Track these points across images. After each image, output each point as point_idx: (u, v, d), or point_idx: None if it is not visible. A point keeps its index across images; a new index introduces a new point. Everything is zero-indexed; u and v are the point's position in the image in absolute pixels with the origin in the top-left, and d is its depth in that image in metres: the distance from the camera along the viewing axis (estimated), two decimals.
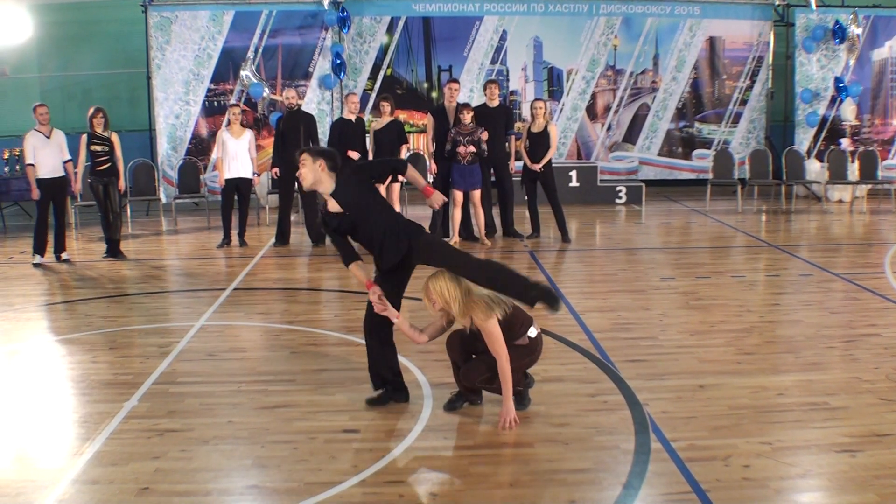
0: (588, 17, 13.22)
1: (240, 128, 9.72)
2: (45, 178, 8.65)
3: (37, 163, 8.61)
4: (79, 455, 4.00)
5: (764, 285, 7.65)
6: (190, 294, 7.54)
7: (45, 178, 8.65)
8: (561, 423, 4.35)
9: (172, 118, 12.50)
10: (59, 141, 8.78)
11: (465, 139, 9.18)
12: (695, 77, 13.49)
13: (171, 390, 4.91)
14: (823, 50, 13.16)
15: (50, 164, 8.68)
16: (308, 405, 4.64)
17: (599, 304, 6.85)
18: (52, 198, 8.77)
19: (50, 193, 8.73)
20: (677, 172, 13.75)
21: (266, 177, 11.43)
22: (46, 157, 8.65)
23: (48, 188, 8.69)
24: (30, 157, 8.58)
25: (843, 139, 13.17)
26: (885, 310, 6.57)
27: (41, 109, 8.67)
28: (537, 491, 3.62)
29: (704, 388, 4.83)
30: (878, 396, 4.65)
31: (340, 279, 8.18)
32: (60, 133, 8.85)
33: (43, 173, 8.64)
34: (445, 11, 13.07)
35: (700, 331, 6.03)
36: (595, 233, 10.64)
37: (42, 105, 8.73)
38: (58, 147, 8.75)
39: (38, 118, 8.64)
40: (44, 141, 8.65)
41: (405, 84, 13.20)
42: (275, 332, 6.18)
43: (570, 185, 12.62)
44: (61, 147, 8.79)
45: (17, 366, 5.51)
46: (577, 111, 13.45)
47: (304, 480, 3.73)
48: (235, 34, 12.49)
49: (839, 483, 3.65)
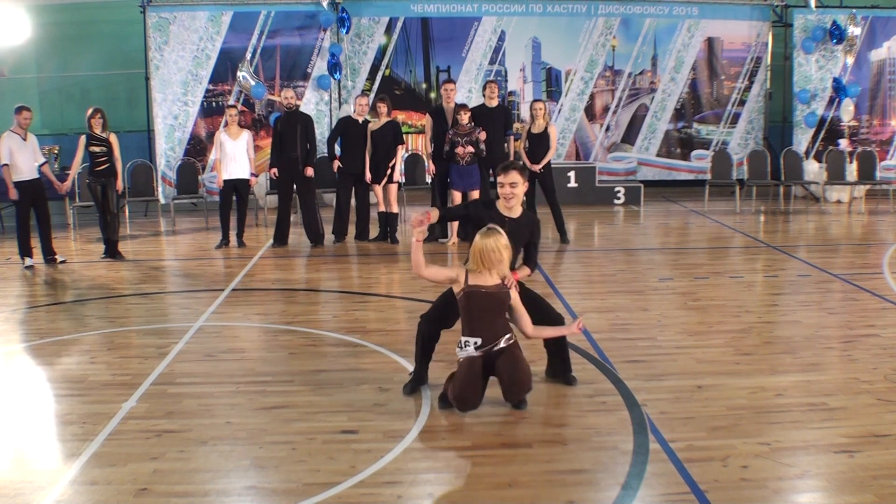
0: (586, 17, 13.24)
1: (237, 129, 9.71)
2: (24, 181, 8.56)
3: (14, 165, 8.53)
4: (77, 456, 3.99)
5: (762, 286, 7.65)
6: (188, 295, 7.54)
7: (23, 180, 8.55)
8: (559, 424, 4.35)
9: (171, 119, 12.49)
10: (33, 144, 8.72)
11: (464, 140, 9.19)
12: (693, 78, 13.50)
13: (169, 391, 4.91)
14: (822, 50, 13.17)
15: (27, 166, 8.59)
16: (306, 406, 4.64)
17: (598, 304, 6.85)
18: (33, 201, 8.68)
19: (29, 196, 8.63)
20: (676, 173, 13.76)
21: (264, 177, 11.43)
22: (24, 160, 8.56)
23: (27, 191, 8.59)
24: (5, 157, 8.46)
25: (841, 140, 13.19)
26: (883, 310, 6.57)
27: (26, 113, 8.61)
28: (536, 491, 3.62)
29: (703, 388, 4.84)
30: (876, 397, 4.65)
31: (339, 280, 8.19)
32: (34, 137, 8.79)
33: (21, 176, 8.54)
34: (444, 12, 13.07)
35: (698, 331, 6.04)
36: (593, 233, 10.64)
37: (27, 109, 8.66)
38: (32, 150, 8.68)
39: (20, 121, 8.56)
40: (20, 143, 8.56)
41: (403, 85, 13.21)
42: (273, 333, 6.18)
43: (569, 185, 12.62)
44: (35, 150, 8.73)
45: (16, 366, 5.51)
46: (575, 112, 13.46)
47: (303, 481, 3.73)
48: (234, 35, 12.49)
49: (837, 483, 3.66)
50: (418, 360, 4.85)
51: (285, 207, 9.71)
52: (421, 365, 4.84)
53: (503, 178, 4.79)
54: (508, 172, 4.78)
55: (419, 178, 11.98)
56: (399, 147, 9.76)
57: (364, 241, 9.88)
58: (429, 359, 4.85)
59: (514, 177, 4.76)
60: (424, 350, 4.82)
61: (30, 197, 8.65)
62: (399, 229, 10.07)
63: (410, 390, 4.79)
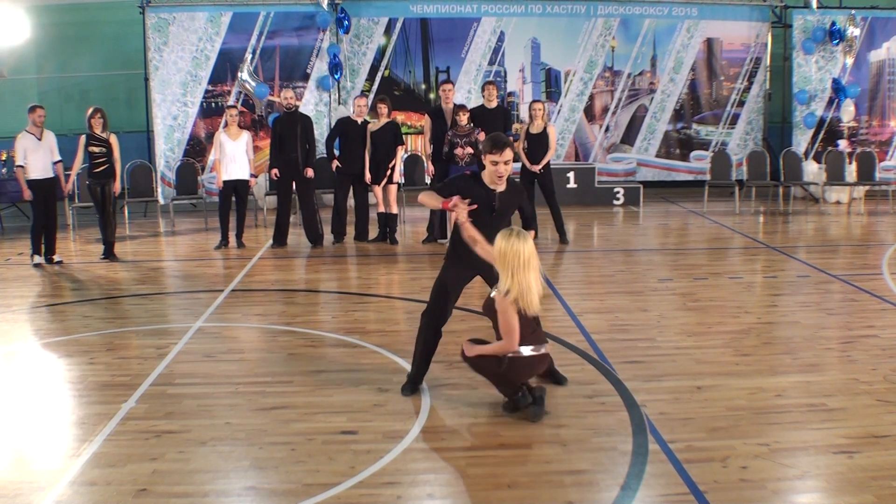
0: (586, 18, 13.25)
1: (237, 129, 9.71)
2: (36, 180, 8.63)
3: (28, 164, 8.58)
4: (76, 456, 3.99)
5: (761, 286, 7.65)
6: (188, 295, 7.53)
7: (35, 179, 8.62)
8: (559, 425, 4.35)
9: (170, 119, 12.49)
10: (50, 142, 8.75)
11: (463, 141, 9.19)
12: (692, 78, 13.51)
13: (168, 392, 4.91)
14: (821, 51, 13.18)
15: (41, 165, 8.65)
16: (306, 406, 4.64)
17: (597, 305, 6.85)
18: (44, 199, 8.74)
19: (41, 195, 8.70)
20: (675, 174, 13.77)
21: (263, 178, 11.44)
22: (37, 159, 8.62)
23: (38, 189, 8.66)
24: (20, 158, 8.55)
25: (840, 140, 13.19)
26: (882, 311, 6.58)
27: (39, 111, 8.66)
28: (535, 492, 3.62)
29: (702, 389, 4.84)
30: (875, 398, 4.65)
31: (338, 280, 8.18)
32: (51, 134, 8.83)
33: (33, 175, 8.60)
34: (443, 13, 13.08)
35: (698, 332, 6.04)
36: (593, 234, 10.64)
37: (40, 107, 8.71)
38: (49, 149, 8.72)
39: (34, 120, 8.61)
40: (35, 143, 8.61)
41: (403, 85, 13.21)
42: (272, 334, 6.18)
43: (568, 186, 12.62)
44: (52, 149, 8.77)
45: (15, 367, 5.51)
46: (574, 112, 13.47)
47: (302, 482, 3.73)
48: (233, 35, 12.50)
49: (837, 484, 3.66)
50: (418, 362, 4.84)
51: (284, 208, 9.71)
52: (420, 366, 4.84)
53: (497, 157, 4.59)
54: (503, 151, 4.60)
55: (418, 179, 11.98)
56: (399, 148, 9.76)
57: (363, 241, 9.88)
58: (430, 360, 4.85)
59: (509, 154, 4.62)
60: (427, 351, 4.82)
61: (41, 196, 8.69)
62: (398, 230, 10.07)
63: (410, 391, 4.79)
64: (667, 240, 10.16)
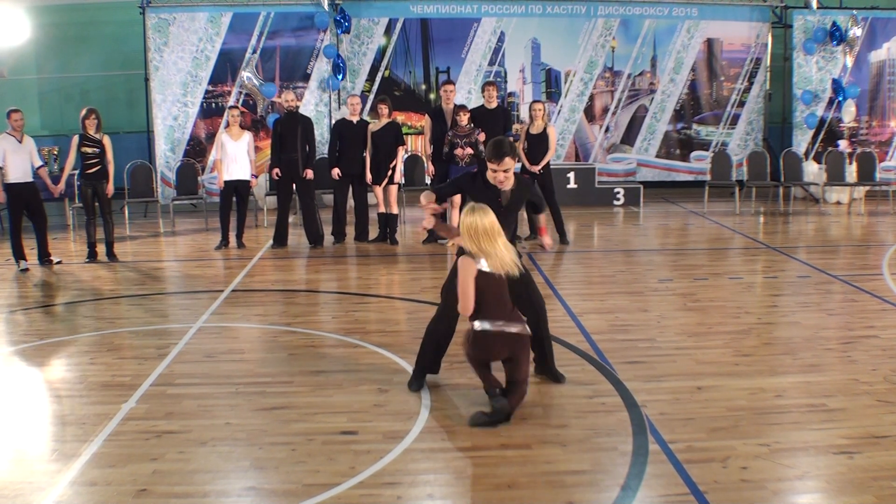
0: (586, 18, 13.25)
1: (239, 130, 9.71)
2: (15, 184, 8.53)
3: (6, 167, 8.50)
4: (76, 457, 3.99)
5: (762, 287, 7.65)
6: (188, 295, 7.53)
7: (14, 182, 8.52)
8: (559, 425, 4.35)
9: (170, 120, 12.50)
10: (30, 147, 8.67)
11: (463, 141, 9.19)
12: (693, 79, 13.51)
13: (168, 392, 4.91)
14: (821, 52, 13.18)
15: (20, 169, 8.55)
16: (306, 407, 4.64)
17: (597, 305, 6.85)
18: (26, 204, 8.63)
19: (22, 199, 8.59)
20: (675, 174, 13.77)
21: (264, 178, 11.44)
22: (17, 163, 8.52)
23: (18, 194, 8.55)
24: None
25: (840, 141, 13.20)
26: (882, 311, 6.58)
27: (15, 115, 8.58)
28: (535, 492, 3.62)
29: (702, 389, 4.84)
30: (875, 398, 4.65)
31: (338, 280, 8.18)
32: (31, 140, 8.76)
33: (12, 178, 8.51)
34: (443, 13, 13.08)
35: (698, 332, 6.04)
36: (593, 234, 10.64)
37: (17, 111, 8.63)
38: (28, 153, 8.64)
39: (11, 123, 8.55)
40: (15, 145, 8.53)
41: (403, 86, 13.21)
42: (273, 334, 6.18)
43: (568, 186, 12.62)
44: (32, 153, 8.69)
45: (16, 367, 5.51)
46: (575, 113, 13.47)
47: (302, 482, 3.73)
48: (233, 36, 12.50)
49: (837, 485, 3.66)
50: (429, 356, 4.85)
51: (285, 208, 9.71)
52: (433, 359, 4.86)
53: (497, 166, 4.64)
54: (502, 160, 4.63)
55: (418, 180, 11.98)
56: (400, 148, 9.76)
57: (364, 242, 9.88)
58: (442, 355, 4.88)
59: (509, 163, 4.66)
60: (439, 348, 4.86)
61: (22, 200, 8.59)
62: (399, 230, 10.07)
63: (417, 386, 4.79)
64: (667, 240, 10.16)
